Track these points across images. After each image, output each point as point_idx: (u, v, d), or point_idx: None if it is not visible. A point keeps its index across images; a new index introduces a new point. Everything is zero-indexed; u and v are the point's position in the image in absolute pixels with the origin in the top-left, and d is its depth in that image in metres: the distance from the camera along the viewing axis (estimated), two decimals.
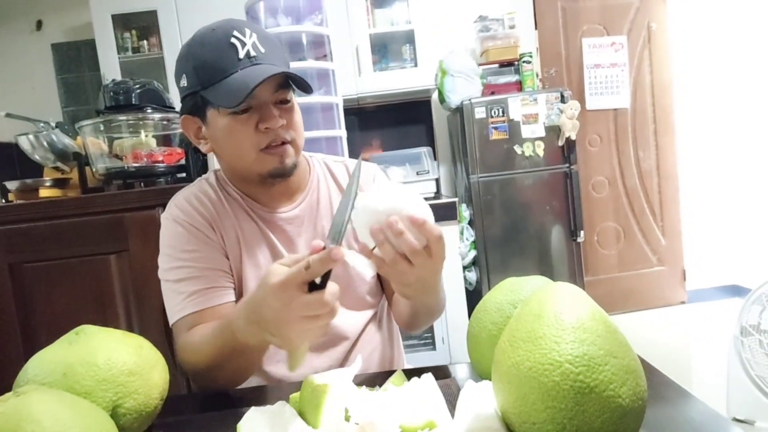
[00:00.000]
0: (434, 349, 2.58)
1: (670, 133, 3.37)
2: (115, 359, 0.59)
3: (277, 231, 0.92)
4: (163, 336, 1.38)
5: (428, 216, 0.61)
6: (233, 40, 0.80)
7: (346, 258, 0.57)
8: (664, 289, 3.43)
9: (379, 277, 0.99)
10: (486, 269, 2.74)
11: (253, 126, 0.83)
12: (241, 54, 0.80)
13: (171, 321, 0.85)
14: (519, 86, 2.85)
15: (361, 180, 0.93)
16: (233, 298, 0.87)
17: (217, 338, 0.74)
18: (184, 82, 0.84)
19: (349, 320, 0.94)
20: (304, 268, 0.57)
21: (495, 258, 2.74)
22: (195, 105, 0.85)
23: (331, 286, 0.59)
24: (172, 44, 2.98)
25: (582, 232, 2.75)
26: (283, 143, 0.85)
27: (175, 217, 0.89)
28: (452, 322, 2.54)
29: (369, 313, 0.97)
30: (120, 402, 0.57)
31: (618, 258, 3.39)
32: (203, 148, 0.89)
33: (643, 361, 0.64)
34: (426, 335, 2.62)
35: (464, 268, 2.74)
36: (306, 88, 0.86)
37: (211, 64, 0.80)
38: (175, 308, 0.84)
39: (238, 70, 0.79)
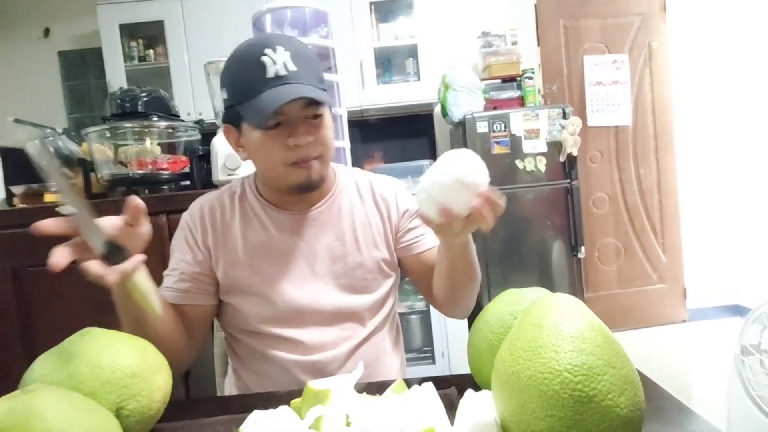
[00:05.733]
0: (434, 362, 2.57)
1: (670, 150, 3.38)
2: (119, 362, 0.59)
3: (287, 232, 0.96)
4: None
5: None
6: (263, 58, 0.82)
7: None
8: (665, 306, 3.42)
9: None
10: (487, 283, 2.74)
11: (282, 142, 0.86)
12: (270, 73, 0.82)
13: None
14: (521, 102, 2.87)
15: (385, 195, 1.02)
16: (203, 303, 0.93)
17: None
18: (224, 95, 0.89)
19: (363, 300, 0.96)
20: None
21: (496, 272, 2.74)
22: (233, 117, 0.89)
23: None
24: (179, 54, 3.02)
25: (583, 248, 2.75)
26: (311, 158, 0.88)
27: (186, 220, 0.97)
28: (452, 336, 2.54)
29: (384, 311, 1.01)
30: (123, 404, 0.58)
31: (618, 274, 3.39)
32: (241, 156, 0.94)
33: (642, 376, 0.65)
34: (426, 348, 2.61)
35: None
36: (330, 105, 0.90)
37: (242, 83, 0.84)
38: None
39: (265, 90, 0.82)
